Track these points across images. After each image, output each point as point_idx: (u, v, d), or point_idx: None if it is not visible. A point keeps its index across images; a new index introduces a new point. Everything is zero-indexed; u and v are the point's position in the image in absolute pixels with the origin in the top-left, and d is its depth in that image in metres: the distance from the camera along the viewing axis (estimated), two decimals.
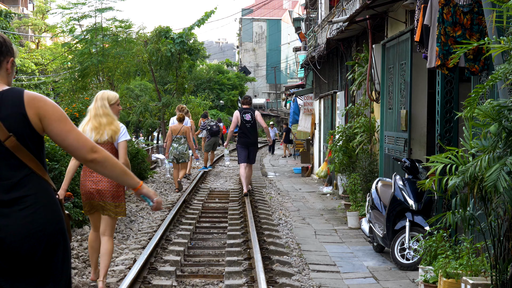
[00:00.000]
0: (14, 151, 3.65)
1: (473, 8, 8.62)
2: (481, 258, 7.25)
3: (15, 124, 3.66)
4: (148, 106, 33.82)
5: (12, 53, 3.88)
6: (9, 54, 3.86)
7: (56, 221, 3.75)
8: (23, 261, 3.62)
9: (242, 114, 17.50)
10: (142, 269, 8.93)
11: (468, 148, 6.58)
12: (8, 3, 74.60)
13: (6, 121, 3.64)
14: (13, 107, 3.67)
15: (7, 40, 3.86)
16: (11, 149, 3.64)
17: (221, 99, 68.02)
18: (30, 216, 3.63)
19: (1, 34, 3.87)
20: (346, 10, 19.54)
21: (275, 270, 9.30)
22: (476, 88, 6.39)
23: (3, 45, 3.82)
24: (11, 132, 3.64)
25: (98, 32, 28.70)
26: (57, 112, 3.77)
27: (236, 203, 16.37)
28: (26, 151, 3.68)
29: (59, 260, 3.77)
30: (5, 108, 3.66)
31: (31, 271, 3.66)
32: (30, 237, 3.62)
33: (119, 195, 8.29)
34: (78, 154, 3.86)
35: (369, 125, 15.11)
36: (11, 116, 3.66)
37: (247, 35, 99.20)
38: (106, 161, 3.91)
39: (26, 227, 3.61)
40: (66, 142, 3.81)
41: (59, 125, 3.77)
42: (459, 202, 6.67)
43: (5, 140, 3.63)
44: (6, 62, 3.84)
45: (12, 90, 3.75)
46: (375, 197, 11.22)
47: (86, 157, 3.85)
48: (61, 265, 3.78)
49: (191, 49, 33.11)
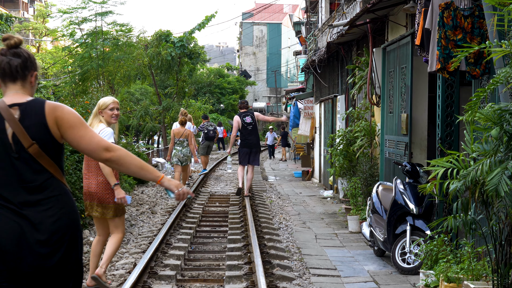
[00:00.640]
0: (37, 157, 4.03)
1: (474, 12, 8.62)
2: (483, 262, 7.23)
3: (38, 132, 4.03)
4: (148, 110, 33.83)
5: (35, 67, 4.26)
6: (32, 68, 4.24)
7: (76, 222, 4.17)
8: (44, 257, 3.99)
9: (243, 118, 17.89)
10: (142, 274, 8.92)
11: (469, 152, 6.56)
12: (9, 7, 74.71)
13: (30, 130, 4.02)
14: (35, 117, 4.04)
15: (31, 55, 4.23)
16: (34, 155, 4.02)
17: (222, 103, 68.02)
18: (56, 215, 4.03)
19: (26, 50, 4.22)
20: (346, 14, 19.54)
21: (276, 275, 9.27)
22: (477, 92, 6.37)
23: (27, 60, 4.20)
24: (34, 140, 4.01)
25: (99, 36, 28.73)
26: (70, 119, 4.10)
27: (236, 207, 16.35)
28: (47, 157, 4.06)
29: (77, 257, 4.18)
30: (28, 118, 4.03)
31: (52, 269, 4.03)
32: (51, 234, 4.01)
33: (105, 197, 8.37)
34: (94, 155, 4.18)
35: (369, 129, 15.09)
36: (34, 125, 4.02)
37: (248, 39, 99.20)
38: (121, 159, 4.18)
39: (47, 226, 4.00)
40: (80, 146, 4.17)
41: (72, 131, 4.10)
42: (460, 206, 6.64)
43: (29, 147, 4.01)
44: (30, 75, 4.22)
45: (35, 101, 4.11)
46: (375, 201, 11.19)
47: (101, 157, 4.17)
48: (78, 261, 4.19)
49: (191, 53, 33.13)
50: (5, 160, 4.03)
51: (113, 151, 4.15)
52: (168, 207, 16.52)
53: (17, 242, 3.96)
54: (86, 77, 28.91)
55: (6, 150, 4.02)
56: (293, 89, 41.70)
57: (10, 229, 3.96)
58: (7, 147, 4.02)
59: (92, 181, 8.41)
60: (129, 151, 4.26)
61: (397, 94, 12.46)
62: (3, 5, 71.79)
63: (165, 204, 17.44)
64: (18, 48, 4.21)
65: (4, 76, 4.17)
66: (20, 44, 4.24)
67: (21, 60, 4.18)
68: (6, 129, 4.02)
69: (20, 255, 3.97)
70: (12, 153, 4.02)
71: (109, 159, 4.16)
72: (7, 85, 4.18)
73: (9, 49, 4.20)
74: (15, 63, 4.16)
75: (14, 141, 4.02)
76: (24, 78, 4.19)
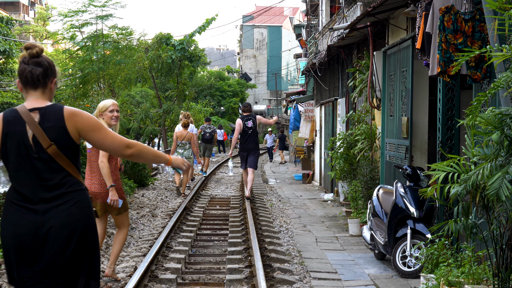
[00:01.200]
0: (55, 157, 4.40)
1: (475, 16, 8.62)
2: (483, 266, 7.22)
3: (56, 134, 4.39)
4: (149, 113, 33.77)
5: (55, 74, 4.62)
6: (52, 75, 4.59)
7: (88, 216, 4.52)
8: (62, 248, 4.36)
9: (245, 122, 18.05)
10: (143, 277, 8.92)
11: (470, 156, 6.56)
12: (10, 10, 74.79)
13: (49, 132, 4.38)
14: (54, 121, 4.40)
15: (51, 63, 4.58)
16: (52, 155, 4.39)
17: (222, 106, 68.02)
18: (68, 210, 4.39)
19: (47, 59, 4.56)
20: (347, 17, 19.55)
21: (276, 278, 9.27)
22: (478, 96, 6.37)
23: (48, 69, 4.55)
24: (52, 141, 4.38)
25: (99, 39, 28.72)
26: (91, 123, 4.50)
27: (237, 210, 16.35)
28: (65, 157, 4.43)
29: (88, 252, 4.50)
30: (47, 121, 4.39)
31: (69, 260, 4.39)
32: (67, 227, 4.37)
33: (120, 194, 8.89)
34: (117, 153, 4.65)
35: (370, 132, 15.09)
36: (53, 128, 4.39)
37: (248, 41, 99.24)
38: (141, 153, 4.67)
39: (65, 219, 4.37)
40: (104, 146, 4.60)
41: (95, 134, 4.51)
42: (461, 211, 6.64)
43: (48, 148, 4.37)
44: (50, 82, 4.59)
45: (54, 106, 4.48)
46: (376, 204, 11.19)
47: (124, 154, 4.61)
48: (89, 257, 4.51)
49: (192, 55, 33.08)
50: (26, 160, 4.39)
51: (133, 147, 4.62)
52: (168, 210, 16.52)
53: (34, 238, 4.32)
54: (86, 80, 28.90)
55: (26, 150, 4.38)
56: (294, 92, 41.70)
57: (27, 226, 4.33)
58: (27, 148, 4.38)
59: (95, 181, 8.86)
60: (143, 145, 4.73)
61: (397, 98, 12.47)
62: (4, 8, 71.85)
63: (166, 207, 17.43)
64: (40, 57, 4.52)
65: (26, 84, 4.51)
66: (41, 53, 4.54)
67: (42, 69, 4.51)
68: (27, 131, 4.38)
69: (37, 250, 4.34)
70: (32, 153, 4.38)
71: (132, 154, 4.61)
72: (28, 91, 4.53)
73: (31, 58, 4.51)
74: (37, 72, 4.49)
75: (34, 142, 4.37)
76: (45, 86, 4.54)
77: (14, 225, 4.38)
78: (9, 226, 4.40)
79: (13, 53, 41.66)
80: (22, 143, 4.39)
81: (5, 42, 40.80)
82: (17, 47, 44.00)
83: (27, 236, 4.34)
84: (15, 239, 4.37)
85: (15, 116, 4.45)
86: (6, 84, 45.56)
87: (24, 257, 4.37)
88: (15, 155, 4.41)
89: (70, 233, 4.38)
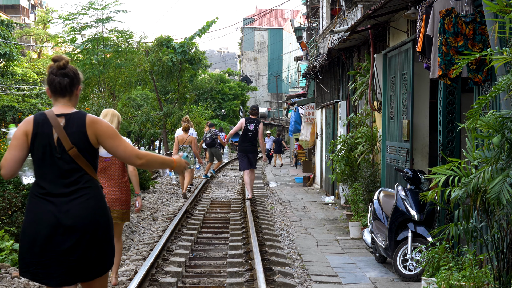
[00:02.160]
0: (75, 158, 4.98)
1: (476, 18, 8.60)
2: (484, 270, 7.20)
3: (77, 139, 5.00)
4: (149, 116, 33.81)
5: (79, 82, 5.19)
6: (78, 83, 5.17)
7: (102, 209, 5.06)
8: (80, 237, 4.89)
9: (247, 123, 18.54)
10: (143, 281, 8.90)
11: (470, 159, 6.54)
12: (10, 12, 74.79)
13: (71, 136, 4.99)
14: (77, 126, 5.01)
15: (76, 73, 5.16)
16: (73, 156, 4.98)
17: (223, 109, 67.99)
18: (84, 203, 4.95)
19: (73, 69, 5.14)
20: (347, 19, 19.54)
21: (277, 282, 9.25)
22: (478, 99, 6.35)
23: (74, 78, 5.13)
24: (74, 144, 4.98)
25: (99, 42, 28.74)
26: (108, 131, 5.09)
27: (237, 213, 16.33)
28: (83, 158, 5.02)
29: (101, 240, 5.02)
30: (71, 126, 5.00)
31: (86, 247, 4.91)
32: (84, 218, 4.92)
33: (127, 203, 9.00)
34: (128, 161, 5.20)
35: (371, 135, 15.08)
36: (75, 133, 5.00)
37: (249, 44, 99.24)
38: (149, 162, 5.25)
39: (81, 211, 4.92)
40: (117, 154, 5.15)
41: (110, 141, 5.09)
42: (462, 214, 6.62)
43: (69, 150, 4.97)
44: (76, 89, 5.18)
45: (78, 113, 5.09)
46: (377, 207, 11.17)
47: (135, 163, 5.19)
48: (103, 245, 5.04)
49: (192, 58, 33.12)
50: (50, 159, 4.98)
51: (143, 157, 5.18)
52: (169, 213, 16.51)
53: (53, 227, 4.87)
54: (87, 84, 28.95)
55: (51, 150, 4.97)
56: (294, 95, 41.69)
57: (46, 217, 4.88)
58: (52, 148, 4.97)
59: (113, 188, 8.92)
60: (150, 152, 5.32)
61: (398, 100, 12.45)
62: (4, 11, 71.88)
63: (166, 211, 17.43)
64: (66, 68, 5.10)
65: (55, 92, 5.11)
66: (67, 64, 5.11)
67: (69, 79, 5.11)
68: (53, 134, 4.99)
69: (55, 238, 4.87)
70: (56, 153, 4.98)
71: (141, 164, 5.19)
72: (57, 99, 5.13)
73: (59, 69, 5.09)
74: (65, 82, 5.09)
75: (58, 144, 4.98)
76: (71, 93, 5.14)
77: (35, 215, 4.93)
78: (32, 215, 4.95)
79: (13, 56, 41.69)
80: (48, 143, 4.98)
81: (5, 45, 40.81)
82: (18, 50, 44.03)
83: (47, 225, 4.88)
84: (36, 227, 4.89)
85: (43, 119, 5.03)
86: (6, 87, 45.56)
87: (43, 244, 4.87)
88: (41, 153, 4.99)
89: (85, 224, 4.92)
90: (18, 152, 5.05)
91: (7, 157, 5.06)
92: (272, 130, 61.01)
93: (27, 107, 47.23)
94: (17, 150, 5.05)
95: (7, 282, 8.78)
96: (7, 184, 11.79)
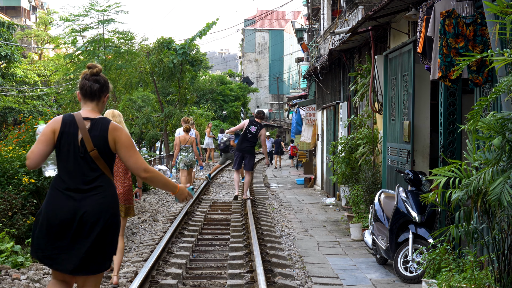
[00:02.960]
0: (95, 159, 5.52)
1: (476, 19, 8.59)
2: (485, 271, 7.18)
3: (99, 142, 5.52)
4: (150, 117, 33.80)
5: (108, 90, 5.78)
6: (106, 91, 5.75)
7: (114, 206, 5.59)
8: (92, 229, 5.41)
9: (250, 125, 18.93)
10: (143, 283, 8.88)
11: (471, 161, 6.53)
12: (11, 14, 74.83)
13: (94, 139, 5.50)
14: (100, 131, 5.53)
15: (106, 81, 5.75)
16: (93, 157, 5.51)
17: (224, 110, 67.98)
18: (100, 199, 5.48)
19: (104, 77, 5.73)
20: (348, 21, 19.54)
21: (278, 283, 9.24)
22: (479, 100, 6.34)
23: (104, 86, 5.71)
24: (95, 147, 5.50)
25: (100, 43, 28.73)
26: (126, 141, 5.61)
27: (238, 215, 16.32)
28: (102, 160, 5.55)
29: (110, 234, 5.54)
30: (95, 130, 5.52)
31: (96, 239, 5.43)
32: (99, 213, 5.45)
33: (129, 198, 9.32)
34: (135, 172, 5.70)
35: (371, 136, 15.06)
36: (97, 137, 5.52)
37: (250, 45, 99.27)
38: (153, 178, 5.73)
39: (97, 206, 5.45)
40: (127, 163, 5.64)
41: (125, 151, 5.59)
42: (462, 216, 6.61)
43: (91, 151, 5.49)
44: (104, 96, 5.74)
45: (103, 119, 5.61)
46: (378, 209, 11.16)
47: (140, 176, 5.67)
48: (111, 238, 5.55)
49: (193, 60, 33.11)
50: (74, 157, 5.50)
51: (149, 172, 5.67)
52: (170, 215, 16.50)
53: (70, 218, 5.39)
54: None
55: (74, 149, 5.51)
56: (295, 96, 41.71)
57: (65, 208, 5.40)
58: (75, 148, 5.51)
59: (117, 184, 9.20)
60: (158, 172, 5.78)
61: (399, 102, 12.44)
62: (5, 12, 71.92)
63: (167, 212, 17.42)
64: (98, 76, 5.68)
65: (85, 96, 5.67)
66: (100, 72, 5.71)
67: (99, 85, 5.68)
68: (78, 134, 5.51)
69: (71, 228, 5.41)
70: (79, 153, 5.50)
71: (146, 177, 5.67)
72: (86, 102, 5.68)
73: (92, 76, 5.66)
74: (95, 87, 5.65)
75: (81, 145, 5.50)
76: (99, 99, 5.69)
77: (56, 206, 5.43)
78: (52, 206, 5.45)
79: (14, 58, 41.70)
80: (72, 143, 5.51)
81: (6, 47, 40.82)
82: (19, 51, 44.03)
83: (65, 217, 5.39)
84: (55, 217, 5.40)
85: (71, 120, 5.56)
86: (7, 88, 45.56)
87: (60, 232, 5.41)
88: (65, 151, 5.51)
89: (98, 218, 5.43)
90: (44, 147, 5.54)
91: (34, 150, 5.56)
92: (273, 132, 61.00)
93: (28, 109, 47.21)
94: (43, 145, 5.54)
95: (7, 284, 8.78)
96: (7, 186, 11.80)
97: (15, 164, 12.15)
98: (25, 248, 10.91)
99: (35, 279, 9.17)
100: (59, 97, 45.40)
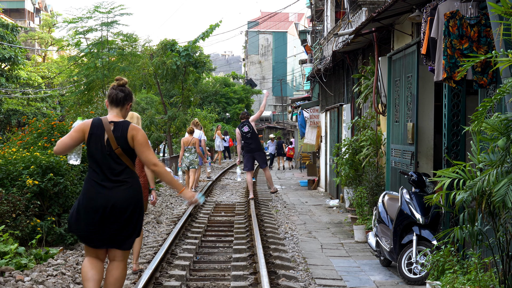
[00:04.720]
0: (119, 155, 6.62)
1: (481, 20, 8.57)
2: (490, 273, 7.16)
3: (121, 141, 6.61)
4: (154, 119, 33.79)
5: (131, 100, 6.87)
6: (130, 100, 6.86)
7: (139, 196, 6.71)
8: (121, 214, 6.55)
9: (241, 128, 19.40)
10: (147, 284, 8.88)
11: (475, 162, 6.52)
12: (15, 16, 74.94)
13: (117, 139, 6.60)
14: (121, 132, 6.62)
15: (130, 92, 6.87)
16: (118, 154, 6.61)
17: (227, 112, 67.94)
18: (127, 190, 6.61)
19: (128, 89, 6.85)
20: (352, 22, 19.52)
21: (281, 285, 9.23)
22: (483, 102, 6.33)
23: (128, 95, 6.82)
24: (118, 145, 6.60)
25: (104, 45, 28.74)
26: (141, 139, 6.67)
27: (242, 217, 16.30)
28: (126, 156, 6.64)
29: (136, 218, 6.70)
30: (117, 131, 6.62)
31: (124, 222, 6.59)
32: (125, 201, 6.58)
33: (144, 195, 9.70)
34: (146, 165, 6.81)
35: (375, 138, 15.04)
36: (120, 137, 6.61)
37: (253, 47, 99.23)
38: (161, 173, 6.78)
39: (124, 196, 6.58)
40: (141, 157, 6.70)
41: (139, 147, 6.67)
42: (467, 217, 6.60)
43: (115, 149, 6.59)
44: (127, 104, 6.83)
45: (124, 122, 6.69)
46: (381, 210, 11.14)
47: (150, 168, 6.76)
48: (137, 222, 6.72)
49: (196, 62, 33.10)
50: (102, 154, 6.59)
51: (158, 166, 6.72)
52: (173, 217, 16.49)
53: (103, 206, 6.51)
54: (91, 87, 28.94)
55: (102, 148, 6.60)
56: (299, 98, 41.65)
57: (99, 196, 6.54)
58: (102, 147, 6.60)
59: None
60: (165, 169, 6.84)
61: (403, 103, 12.42)
62: (9, 15, 71.97)
63: (171, 214, 17.41)
64: (124, 87, 6.80)
65: (112, 103, 6.78)
66: (126, 84, 6.85)
67: (124, 94, 6.79)
68: (104, 135, 6.60)
69: (103, 213, 6.52)
70: (105, 151, 6.60)
71: (154, 170, 6.75)
72: (112, 108, 6.78)
73: (118, 86, 6.78)
74: (120, 96, 6.76)
75: (107, 144, 6.60)
76: (123, 106, 6.80)
77: (92, 193, 6.56)
78: (87, 194, 6.59)
79: (18, 60, 41.76)
80: (99, 142, 6.60)
81: (10, 49, 40.88)
82: (22, 53, 44.07)
83: (100, 203, 6.51)
84: (92, 203, 6.53)
85: (99, 123, 6.65)
86: (11, 91, 45.61)
87: (95, 214, 6.52)
88: (94, 149, 6.60)
89: (126, 206, 6.57)
90: (70, 141, 6.65)
91: (63, 140, 6.69)
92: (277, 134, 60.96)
93: (32, 111, 47.28)
94: (71, 139, 6.66)
95: (11, 286, 8.78)
96: (11, 187, 11.80)
97: (19, 166, 12.15)
98: (28, 249, 10.91)
99: (39, 281, 9.17)
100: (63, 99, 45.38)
